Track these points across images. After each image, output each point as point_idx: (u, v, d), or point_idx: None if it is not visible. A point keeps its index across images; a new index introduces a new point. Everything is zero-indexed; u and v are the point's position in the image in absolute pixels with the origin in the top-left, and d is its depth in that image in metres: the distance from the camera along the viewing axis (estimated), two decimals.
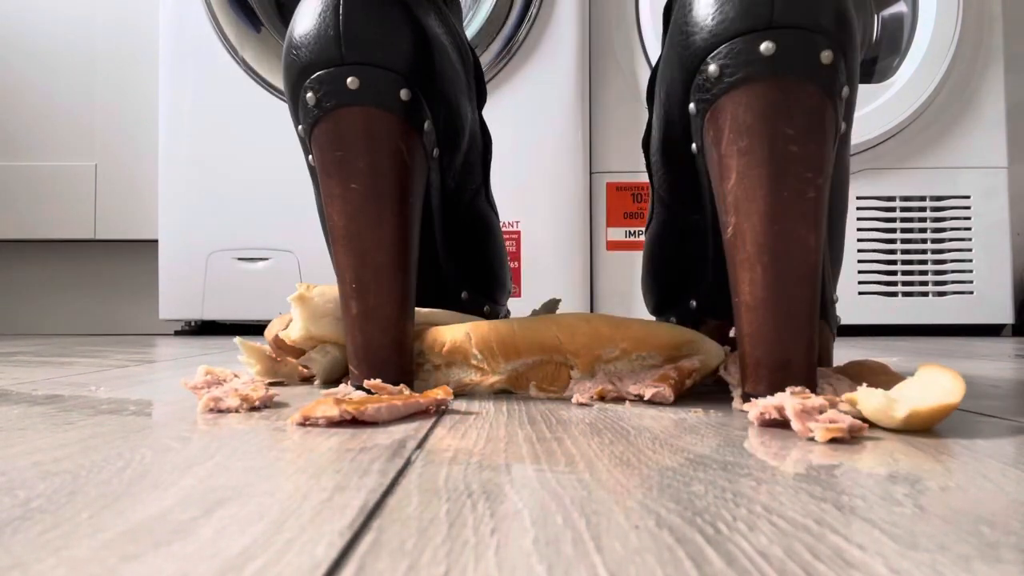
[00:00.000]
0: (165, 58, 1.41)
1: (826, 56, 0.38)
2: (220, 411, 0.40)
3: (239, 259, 1.41)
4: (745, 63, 0.39)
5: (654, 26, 1.41)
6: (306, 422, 0.35)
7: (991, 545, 0.18)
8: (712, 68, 0.40)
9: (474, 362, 0.48)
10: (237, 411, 0.40)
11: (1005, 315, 1.43)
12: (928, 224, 1.45)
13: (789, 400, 0.34)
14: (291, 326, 0.49)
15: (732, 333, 0.45)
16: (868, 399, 0.34)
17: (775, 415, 0.35)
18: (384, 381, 0.44)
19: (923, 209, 1.45)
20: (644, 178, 1.44)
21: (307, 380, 0.55)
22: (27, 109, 1.61)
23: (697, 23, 0.41)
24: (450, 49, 0.51)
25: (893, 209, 1.45)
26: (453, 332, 0.49)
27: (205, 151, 1.41)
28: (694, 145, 0.44)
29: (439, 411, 0.40)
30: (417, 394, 0.40)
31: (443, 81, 0.49)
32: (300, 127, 0.47)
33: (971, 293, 1.43)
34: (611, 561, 0.17)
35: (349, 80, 0.44)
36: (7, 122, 1.61)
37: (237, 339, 0.52)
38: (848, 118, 0.42)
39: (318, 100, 0.45)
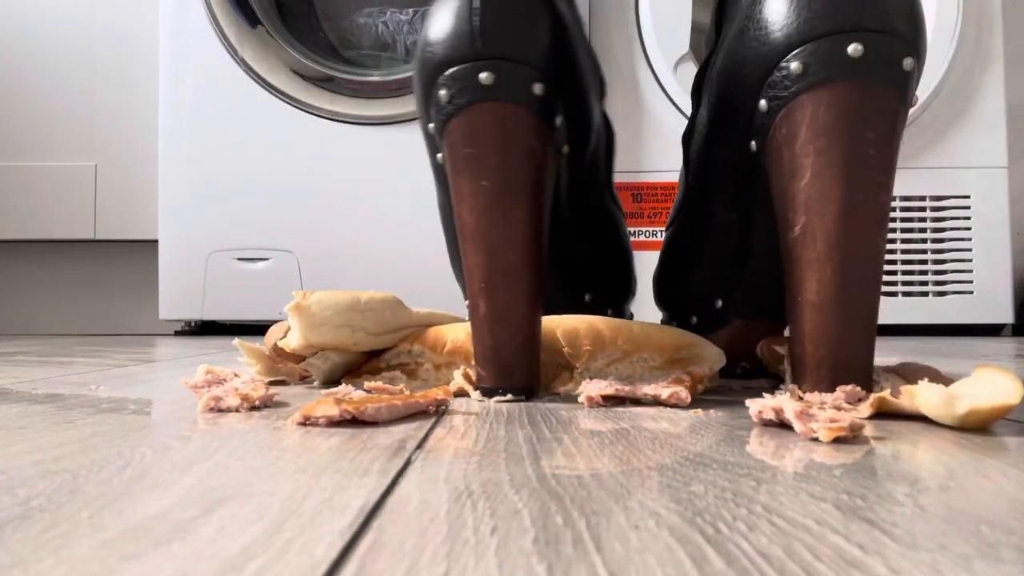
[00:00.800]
0: (165, 58, 1.42)
1: (908, 63, 0.39)
2: (220, 410, 0.40)
3: (239, 259, 1.41)
4: (830, 63, 0.39)
5: (654, 26, 1.41)
6: (306, 422, 0.35)
7: (991, 545, 0.18)
8: (794, 65, 0.40)
9: (474, 362, 0.48)
10: (237, 410, 0.40)
11: (1005, 315, 1.43)
12: (928, 224, 1.45)
13: (788, 402, 0.34)
14: (290, 335, 0.48)
15: (786, 333, 0.45)
16: (928, 394, 0.35)
17: (773, 416, 0.35)
18: (512, 383, 0.44)
19: (923, 209, 1.45)
20: (644, 178, 1.44)
21: (306, 379, 0.55)
22: (27, 109, 1.61)
23: (779, 20, 0.41)
24: (582, 39, 0.50)
25: (893, 209, 1.45)
26: (454, 332, 0.49)
27: (205, 151, 1.41)
28: (753, 143, 0.44)
29: (439, 411, 0.40)
30: (417, 394, 0.40)
31: (577, 74, 0.48)
32: (431, 125, 0.46)
33: (971, 293, 1.43)
34: (611, 561, 0.17)
35: (483, 76, 0.43)
36: (7, 122, 1.61)
37: (236, 340, 0.52)
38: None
39: (451, 96, 0.44)
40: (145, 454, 0.29)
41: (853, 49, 0.39)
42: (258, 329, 1.51)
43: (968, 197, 1.44)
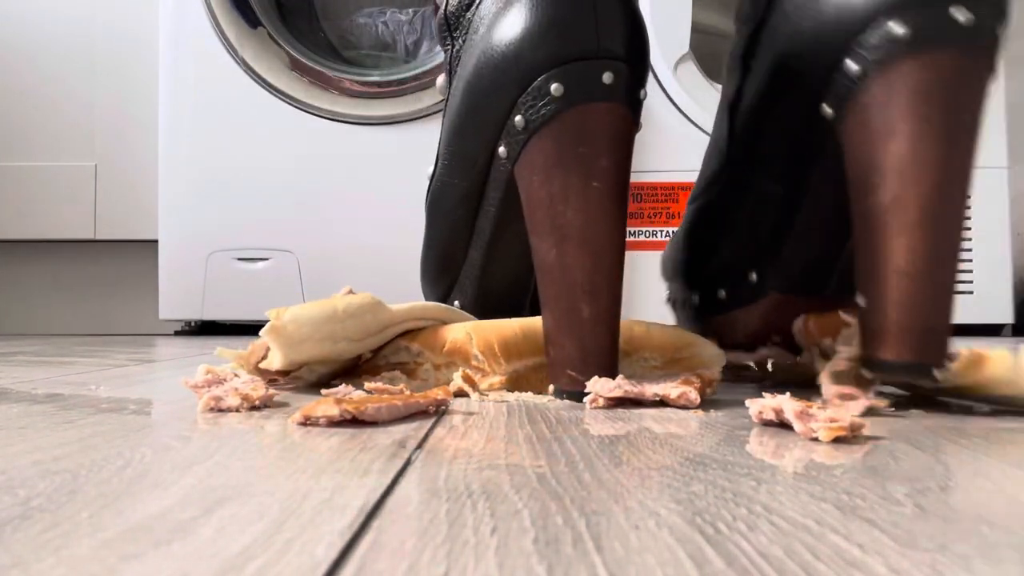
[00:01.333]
0: (165, 58, 1.42)
1: (1002, 31, 0.39)
2: (221, 410, 0.40)
3: (239, 259, 1.41)
4: (938, 27, 0.38)
5: (654, 26, 1.40)
6: (307, 422, 0.35)
7: (991, 545, 0.18)
8: (895, 25, 0.39)
9: (474, 363, 0.48)
10: (237, 410, 0.40)
11: (1005, 315, 1.43)
12: None
13: (788, 402, 0.34)
14: (270, 356, 0.46)
15: (860, 302, 0.43)
16: (1001, 360, 0.35)
17: (773, 416, 0.35)
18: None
19: None
20: (644, 178, 1.44)
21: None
22: (27, 109, 1.61)
23: None
24: None
25: None
26: (454, 332, 0.49)
27: (205, 151, 1.41)
28: (827, 107, 0.43)
29: (439, 411, 0.40)
30: (417, 394, 0.40)
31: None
32: (520, 116, 0.45)
33: (971, 293, 1.43)
34: (611, 561, 0.17)
35: (605, 75, 0.43)
36: (7, 122, 1.61)
37: (218, 350, 0.50)
38: None
39: (566, 91, 0.43)
40: (145, 454, 0.29)
41: (964, 15, 0.38)
42: (258, 329, 1.51)
43: (968, 197, 1.44)
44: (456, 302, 0.56)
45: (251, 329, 1.51)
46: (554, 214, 0.44)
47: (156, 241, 1.46)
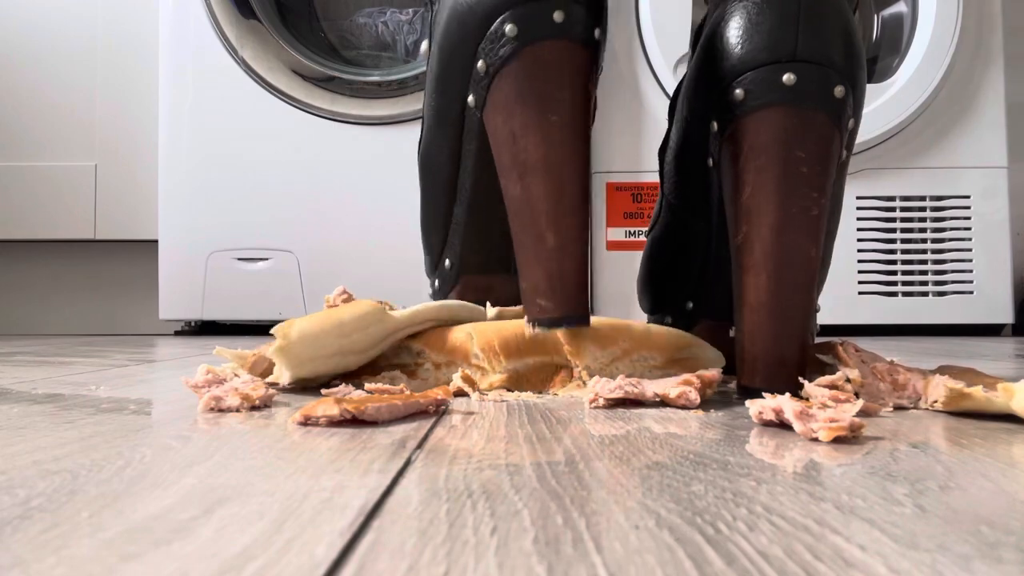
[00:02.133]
0: (165, 58, 1.42)
1: (839, 91, 0.43)
2: (221, 410, 0.40)
3: (239, 259, 1.41)
4: (768, 90, 0.43)
5: (654, 26, 1.41)
6: (307, 421, 0.35)
7: (991, 545, 0.18)
8: (738, 92, 0.44)
9: (474, 361, 0.48)
10: (238, 410, 0.40)
11: (1005, 315, 1.43)
12: (928, 224, 1.45)
13: (788, 402, 0.34)
14: (278, 373, 0.46)
15: (732, 333, 0.49)
16: (983, 398, 0.36)
17: (773, 417, 0.35)
18: (575, 311, 0.46)
19: (923, 209, 1.45)
20: (644, 178, 1.44)
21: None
22: (27, 109, 1.61)
23: (727, 50, 0.45)
24: None
25: (893, 209, 1.45)
26: (454, 332, 0.49)
27: (205, 151, 1.41)
28: (711, 159, 0.49)
29: (439, 411, 0.40)
30: (417, 394, 0.40)
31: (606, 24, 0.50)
32: (481, 61, 0.47)
33: (971, 293, 1.43)
34: (611, 561, 0.17)
35: (556, 14, 0.45)
36: (7, 122, 1.61)
37: (216, 349, 0.50)
38: (850, 147, 0.47)
39: (519, 31, 0.45)
40: (145, 454, 0.29)
41: (787, 78, 0.43)
42: (258, 329, 1.51)
43: (968, 197, 1.44)
44: (447, 260, 0.57)
45: (251, 329, 1.51)
46: (516, 150, 0.46)
47: (156, 241, 1.46)
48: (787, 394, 0.37)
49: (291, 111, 1.39)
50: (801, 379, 0.42)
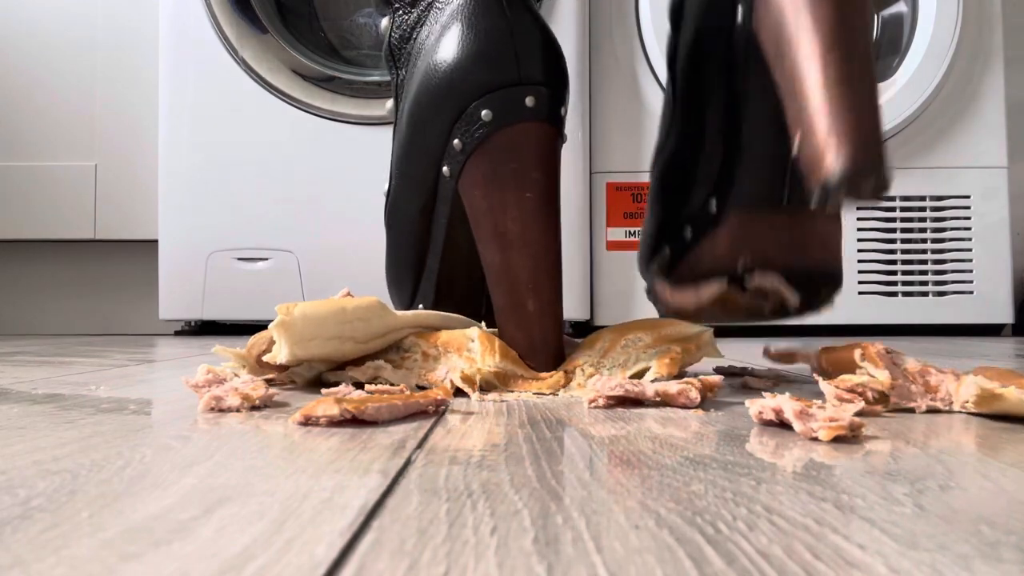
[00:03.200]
0: (165, 58, 1.41)
1: None
2: (221, 410, 0.40)
3: (239, 259, 1.41)
4: None
5: (654, 26, 1.40)
6: (307, 421, 0.35)
7: (991, 545, 0.18)
8: None
9: (466, 354, 0.48)
10: (238, 410, 0.40)
11: (1005, 315, 1.43)
12: (928, 224, 1.45)
13: (788, 402, 0.34)
14: (275, 350, 0.46)
15: (795, 146, 0.45)
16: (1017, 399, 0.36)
17: (773, 417, 0.35)
18: (553, 369, 0.49)
19: (923, 209, 1.45)
20: (644, 178, 1.44)
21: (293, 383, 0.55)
22: (27, 109, 1.61)
23: None
24: None
25: (893, 209, 1.45)
26: (453, 331, 0.50)
27: (205, 151, 1.41)
28: (740, 8, 0.49)
29: (439, 411, 0.40)
30: (417, 394, 0.40)
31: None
32: (457, 139, 0.50)
33: (971, 293, 1.43)
34: (611, 561, 0.17)
35: (527, 99, 0.49)
36: (7, 122, 1.61)
37: (216, 348, 0.51)
38: None
39: (495, 116, 0.49)
40: (145, 454, 0.29)
41: None
42: (258, 329, 1.51)
43: (968, 197, 1.44)
44: (420, 306, 0.59)
45: (251, 329, 1.51)
46: (495, 223, 0.49)
47: (156, 241, 1.46)
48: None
49: (291, 111, 1.39)
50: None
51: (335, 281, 1.39)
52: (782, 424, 0.35)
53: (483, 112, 0.49)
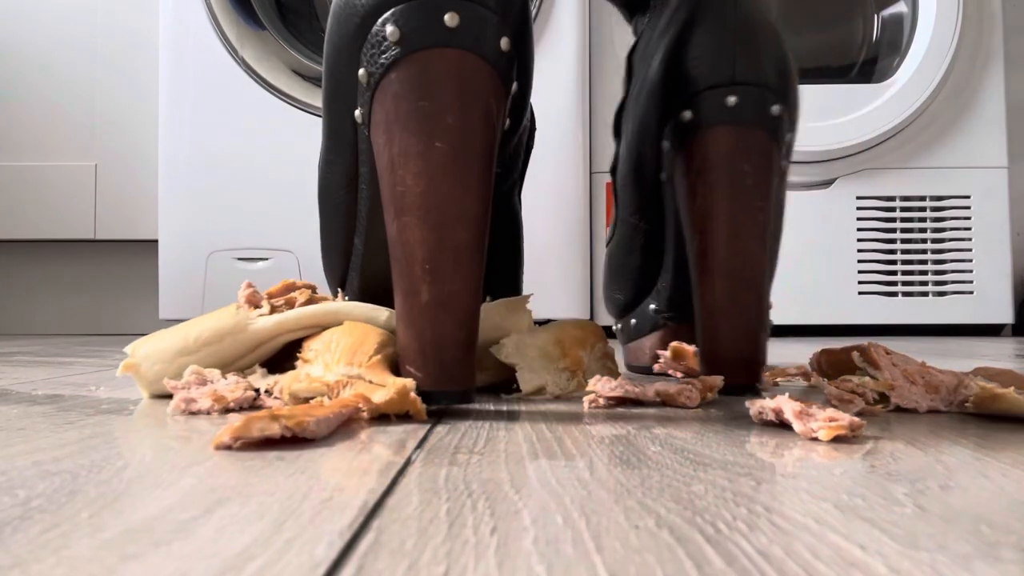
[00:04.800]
0: (165, 58, 1.41)
1: (775, 109, 0.48)
2: (192, 413, 0.39)
3: (239, 259, 1.41)
4: (713, 111, 0.48)
5: None
6: (235, 442, 0.29)
7: (991, 545, 0.18)
8: (687, 114, 0.49)
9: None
10: (208, 413, 0.39)
11: (1005, 315, 1.43)
12: (928, 224, 1.45)
13: (788, 402, 0.34)
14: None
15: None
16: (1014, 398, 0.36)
17: (773, 417, 0.35)
18: (452, 386, 0.37)
19: (923, 209, 1.45)
20: None
21: None
22: (27, 109, 1.61)
23: (676, 77, 0.50)
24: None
25: (893, 209, 1.45)
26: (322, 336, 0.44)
27: (205, 151, 1.41)
28: (663, 174, 0.53)
29: (365, 412, 0.40)
30: (335, 401, 0.36)
31: (530, 39, 0.43)
32: (363, 69, 0.39)
33: (971, 293, 1.43)
34: (611, 561, 0.17)
35: (447, 16, 0.37)
36: (7, 122, 1.61)
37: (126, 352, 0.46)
38: (788, 157, 0.51)
39: (402, 36, 0.37)
40: (145, 454, 0.29)
41: (730, 100, 0.47)
42: None
43: (968, 197, 1.44)
44: (346, 297, 0.50)
45: None
46: (394, 180, 0.38)
47: (156, 241, 1.46)
48: (787, 397, 0.37)
49: (291, 111, 1.39)
50: (759, 375, 0.47)
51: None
52: (782, 424, 0.35)
53: (388, 29, 0.38)
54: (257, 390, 0.43)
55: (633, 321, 0.62)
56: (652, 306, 0.60)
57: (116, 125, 1.61)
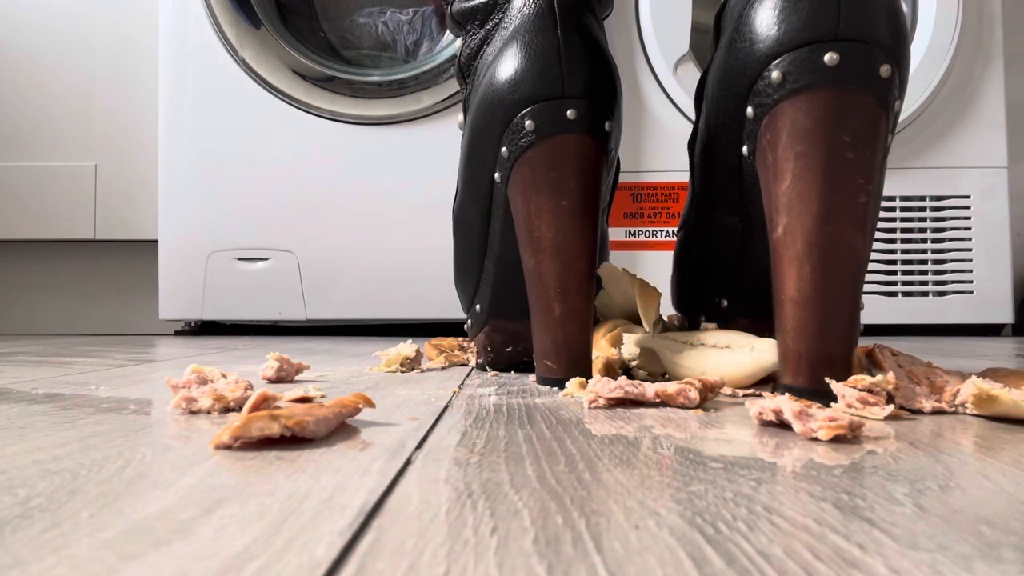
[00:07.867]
0: (165, 58, 1.41)
1: (884, 70, 0.41)
2: (192, 412, 0.39)
3: (239, 259, 1.41)
4: (808, 71, 0.41)
5: (654, 26, 1.40)
6: (235, 442, 0.30)
7: (991, 545, 0.18)
8: (775, 75, 0.42)
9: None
10: (208, 412, 0.39)
11: (1005, 315, 1.43)
12: (928, 224, 1.45)
13: (788, 403, 0.34)
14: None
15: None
16: (1013, 401, 0.36)
17: (773, 417, 0.35)
18: (579, 373, 0.50)
19: (923, 209, 1.45)
20: (644, 178, 1.44)
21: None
22: (27, 109, 1.61)
23: (761, 32, 0.43)
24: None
25: (893, 209, 1.45)
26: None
27: (205, 151, 1.41)
28: (745, 148, 0.47)
29: (359, 411, 0.40)
30: (332, 402, 0.36)
31: (620, 112, 0.54)
32: (504, 147, 0.53)
33: (971, 293, 1.43)
34: (611, 561, 0.17)
35: (569, 112, 0.51)
36: (7, 122, 1.61)
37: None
38: (893, 130, 0.44)
39: (536, 127, 0.51)
40: (145, 454, 0.29)
41: (829, 58, 0.40)
42: (258, 329, 1.51)
43: (968, 197, 1.44)
44: (478, 305, 0.62)
45: (251, 329, 1.51)
46: (531, 228, 0.52)
47: (156, 241, 1.46)
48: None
49: (291, 111, 1.39)
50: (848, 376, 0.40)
51: (335, 281, 1.39)
52: (782, 424, 0.35)
53: (527, 123, 0.51)
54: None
55: (702, 318, 0.59)
56: (724, 301, 0.57)
57: (116, 125, 1.61)
